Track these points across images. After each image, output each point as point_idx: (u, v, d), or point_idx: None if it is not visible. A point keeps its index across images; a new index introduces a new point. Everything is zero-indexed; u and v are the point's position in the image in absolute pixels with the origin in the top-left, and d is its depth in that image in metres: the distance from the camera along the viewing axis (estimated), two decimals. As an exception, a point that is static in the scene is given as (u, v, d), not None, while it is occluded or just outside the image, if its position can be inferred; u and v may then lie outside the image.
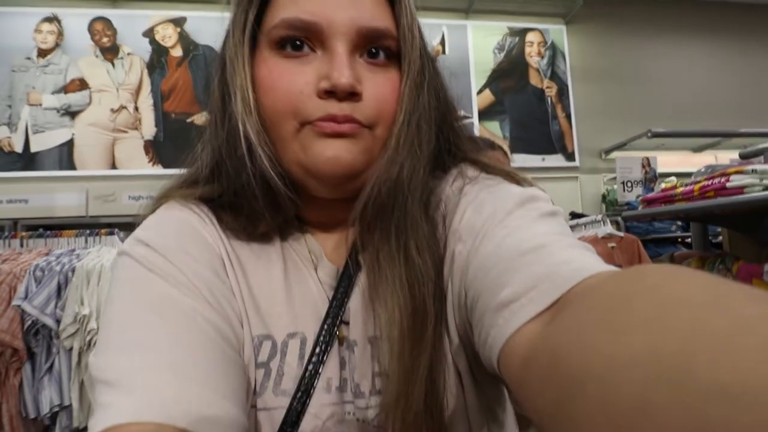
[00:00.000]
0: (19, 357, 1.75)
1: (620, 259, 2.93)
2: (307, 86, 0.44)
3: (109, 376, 0.36)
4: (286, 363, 0.45)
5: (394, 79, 0.47)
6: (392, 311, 0.42)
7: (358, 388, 0.45)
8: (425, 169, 0.47)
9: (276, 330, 0.47)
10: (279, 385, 0.45)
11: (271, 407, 0.44)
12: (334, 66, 0.43)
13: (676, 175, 3.33)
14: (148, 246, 0.45)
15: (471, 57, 4.72)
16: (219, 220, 0.50)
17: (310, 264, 0.50)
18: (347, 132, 0.44)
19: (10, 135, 4.38)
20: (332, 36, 0.44)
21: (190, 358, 0.38)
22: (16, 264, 1.89)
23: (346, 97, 0.43)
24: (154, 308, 0.40)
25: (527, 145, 4.60)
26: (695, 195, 1.47)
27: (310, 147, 0.44)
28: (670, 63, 4.68)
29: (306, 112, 0.44)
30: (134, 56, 4.69)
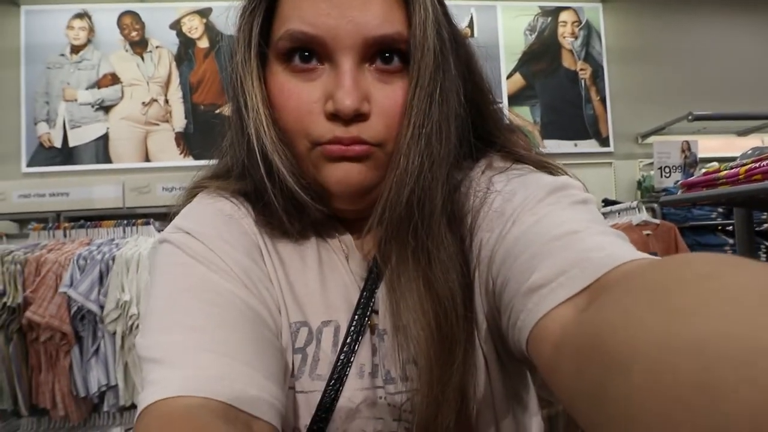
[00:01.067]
0: (68, 340, 1.82)
1: (655, 247, 2.86)
2: (315, 105, 0.43)
3: (155, 355, 0.38)
4: (321, 349, 0.47)
5: (407, 89, 0.43)
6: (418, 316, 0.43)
7: (388, 374, 0.47)
8: (443, 183, 0.44)
9: (312, 317, 0.48)
10: (315, 370, 0.46)
11: (307, 390, 0.46)
12: (338, 85, 0.41)
13: (718, 160, 3.22)
14: (188, 233, 0.46)
15: (500, 39, 4.63)
16: (255, 213, 0.51)
17: (342, 255, 0.51)
18: (354, 154, 0.43)
19: (50, 131, 4.53)
20: (337, 50, 0.42)
21: (232, 339, 0.39)
22: (61, 253, 1.96)
23: (352, 120, 0.42)
24: (196, 292, 0.41)
25: (559, 131, 4.50)
26: (741, 178, 1.41)
27: (320, 168, 0.44)
28: (713, 41, 4.50)
29: (315, 134, 0.43)
30: (162, 49, 4.76)
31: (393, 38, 0.43)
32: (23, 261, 1.90)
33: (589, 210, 0.43)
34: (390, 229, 0.45)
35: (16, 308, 1.84)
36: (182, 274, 0.43)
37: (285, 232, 0.49)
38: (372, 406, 0.46)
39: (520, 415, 0.51)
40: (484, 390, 0.47)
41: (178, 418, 0.34)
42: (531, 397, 0.54)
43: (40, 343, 1.84)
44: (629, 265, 0.31)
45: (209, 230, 0.46)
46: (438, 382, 0.42)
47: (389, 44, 0.43)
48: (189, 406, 0.34)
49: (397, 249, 0.45)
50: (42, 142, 4.50)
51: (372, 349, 0.48)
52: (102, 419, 2.01)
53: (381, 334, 0.48)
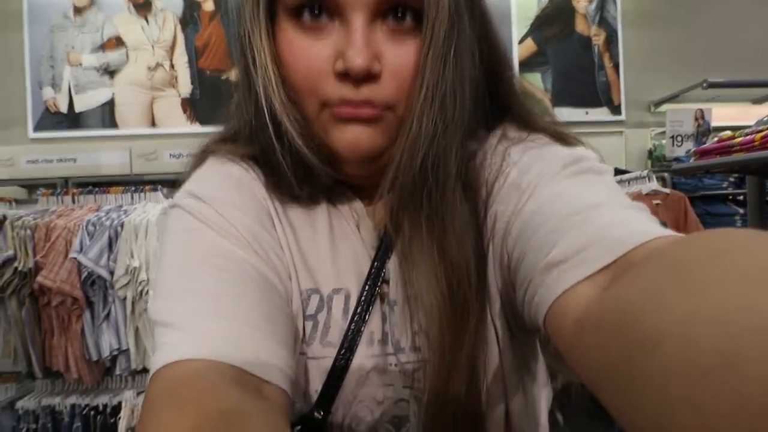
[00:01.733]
0: (79, 305, 1.85)
1: (665, 216, 2.84)
2: (325, 64, 0.41)
3: (166, 319, 0.38)
4: (332, 317, 0.47)
5: (421, 49, 0.41)
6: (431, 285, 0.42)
7: (398, 344, 0.47)
8: (457, 148, 0.43)
9: (323, 285, 0.48)
10: (326, 336, 0.47)
11: (318, 356, 0.46)
12: (349, 43, 0.39)
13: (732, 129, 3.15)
14: (199, 198, 0.45)
15: (513, 2, 4.51)
16: (264, 177, 0.50)
17: (353, 222, 0.50)
18: (365, 116, 0.42)
19: (55, 95, 4.50)
20: (348, 5, 0.40)
21: (243, 305, 0.39)
22: (70, 219, 1.98)
23: (363, 80, 0.40)
24: (206, 257, 0.41)
25: (570, 98, 4.42)
26: (756, 145, 1.39)
27: (329, 130, 0.43)
28: (730, 6, 4.35)
29: (324, 95, 0.42)
30: (167, 12, 4.67)
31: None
32: (33, 226, 1.91)
33: (607, 182, 0.41)
34: (403, 195, 0.43)
35: (27, 273, 1.86)
36: (193, 240, 0.42)
37: (295, 197, 0.48)
38: (382, 373, 0.46)
39: (530, 386, 0.50)
40: (494, 361, 0.46)
41: (188, 380, 0.34)
42: (540, 368, 0.53)
43: (52, 308, 1.88)
44: (652, 243, 0.31)
45: (219, 195, 0.45)
46: (450, 351, 0.42)
47: (402, 0, 0.41)
48: (199, 369, 0.34)
49: (410, 216, 0.44)
50: (48, 106, 4.48)
51: (382, 318, 0.48)
52: (114, 382, 2.06)
53: (392, 304, 0.48)
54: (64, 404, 1.97)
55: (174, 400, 0.33)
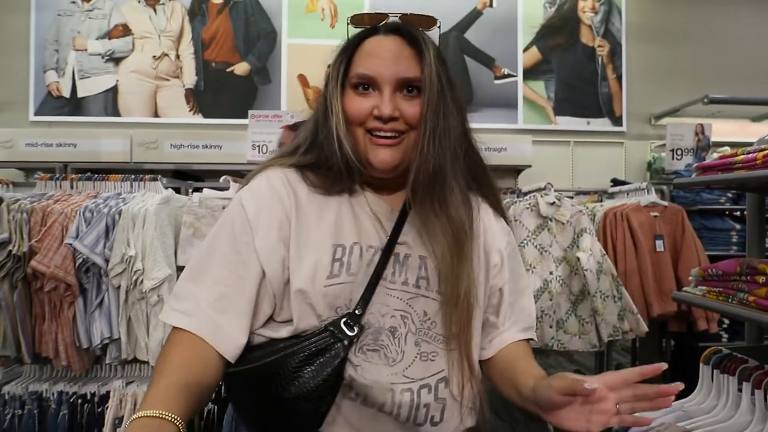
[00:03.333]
0: (72, 292, 1.83)
1: (662, 229, 2.84)
2: (369, 110, 0.76)
3: (180, 292, 0.74)
4: (353, 258, 0.76)
5: (421, 106, 0.77)
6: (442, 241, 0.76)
7: (406, 281, 0.77)
8: (450, 162, 0.77)
9: (346, 240, 0.77)
10: (350, 269, 0.75)
11: (345, 282, 0.74)
12: (382, 101, 0.76)
13: (731, 145, 3.16)
14: (243, 208, 0.76)
15: (519, 11, 4.50)
16: (305, 178, 0.80)
17: (367, 207, 0.81)
18: (389, 144, 0.76)
19: (58, 80, 4.48)
20: (382, 83, 0.77)
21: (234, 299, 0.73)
22: (67, 205, 1.96)
23: (389, 120, 0.76)
24: (224, 259, 0.74)
25: (572, 107, 4.43)
26: (758, 163, 1.39)
27: (369, 150, 0.77)
28: (734, 24, 4.37)
29: (367, 127, 0.77)
30: (176, 2, 4.66)
31: (414, 80, 0.77)
32: (29, 210, 1.90)
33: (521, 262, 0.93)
34: (421, 186, 0.76)
35: (21, 257, 1.84)
36: (222, 242, 0.75)
37: (327, 191, 0.79)
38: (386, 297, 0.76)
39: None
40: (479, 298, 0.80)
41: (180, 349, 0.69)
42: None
43: (45, 293, 1.86)
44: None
45: (255, 209, 0.76)
46: (456, 280, 0.74)
47: (410, 82, 0.77)
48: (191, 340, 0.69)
49: (427, 197, 0.76)
50: (50, 90, 4.46)
51: (393, 265, 0.77)
52: (104, 371, 2.05)
53: (405, 258, 0.78)
54: (52, 391, 1.96)
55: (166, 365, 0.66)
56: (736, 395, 1.17)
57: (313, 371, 0.69)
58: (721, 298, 1.45)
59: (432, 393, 0.74)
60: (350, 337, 0.71)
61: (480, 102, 4.45)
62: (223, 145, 4.03)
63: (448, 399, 0.75)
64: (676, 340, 3.10)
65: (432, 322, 0.76)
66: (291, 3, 4.57)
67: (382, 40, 0.79)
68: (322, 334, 0.71)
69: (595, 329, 2.35)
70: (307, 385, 0.69)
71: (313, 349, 0.70)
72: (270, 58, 4.53)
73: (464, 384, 0.76)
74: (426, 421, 0.74)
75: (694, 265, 2.51)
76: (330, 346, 0.70)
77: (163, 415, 0.57)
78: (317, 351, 0.70)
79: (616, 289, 2.39)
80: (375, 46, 0.79)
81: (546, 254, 2.36)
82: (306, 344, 0.70)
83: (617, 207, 2.87)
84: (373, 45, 0.79)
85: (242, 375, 0.72)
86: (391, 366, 0.73)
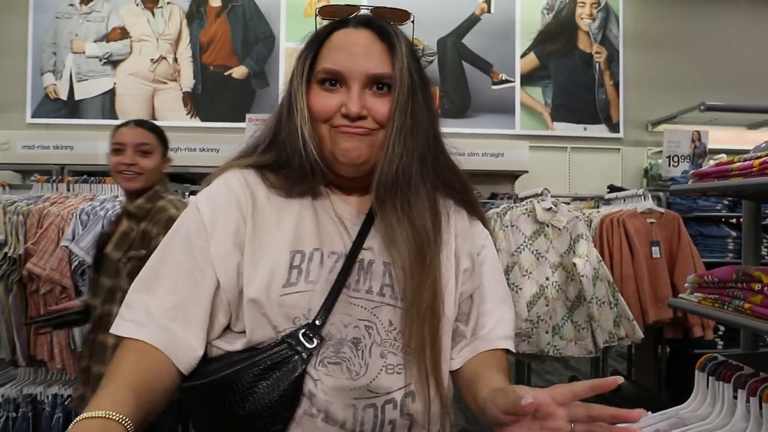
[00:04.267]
0: (68, 294, 1.83)
1: (659, 236, 2.85)
2: (336, 108, 0.71)
3: (132, 302, 0.68)
4: (313, 265, 0.71)
5: (391, 104, 0.72)
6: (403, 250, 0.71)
7: (370, 289, 0.72)
8: (417, 163, 0.73)
9: (306, 247, 0.72)
10: (308, 278, 0.70)
11: (304, 290, 0.69)
12: (350, 99, 0.71)
13: (728, 152, 3.17)
14: (198, 211, 0.72)
15: (517, 16, 4.53)
16: (265, 179, 0.75)
17: (332, 210, 0.76)
18: (359, 132, 0.71)
19: (56, 82, 4.48)
20: (350, 79, 0.71)
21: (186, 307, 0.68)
22: (64, 207, 1.96)
23: (357, 119, 0.71)
24: (179, 266, 0.69)
25: (569, 113, 4.45)
26: (754, 171, 1.39)
27: (335, 141, 0.72)
28: (731, 32, 4.40)
29: (333, 123, 0.72)
30: (174, 6, 4.67)
31: (384, 76, 0.72)
32: (26, 212, 1.89)
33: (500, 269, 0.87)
34: (385, 188, 0.72)
35: (17, 259, 1.84)
36: (174, 247, 0.71)
37: (288, 194, 0.74)
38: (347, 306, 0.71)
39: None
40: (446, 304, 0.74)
41: (131, 356, 0.64)
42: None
43: (40, 296, 1.85)
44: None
45: (212, 214, 0.71)
46: (418, 291, 0.70)
47: (380, 79, 0.72)
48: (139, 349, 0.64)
49: (390, 200, 0.72)
50: (48, 93, 4.46)
51: (358, 272, 0.72)
52: (99, 373, 2.04)
53: (369, 264, 0.73)
54: (47, 394, 1.95)
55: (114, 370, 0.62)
56: (732, 402, 1.17)
57: (269, 386, 0.65)
58: (716, 305, 1.46)
59: (397, 409, 0.69)
60: (309, 349, 0.66)
61: (477, 107, 4.46)
62: (221, 149, 4.02)
63: (415, 415, 0.70)
64: (672, 347, 3.10)
65: (398, 333, 0.71)
66: (289, 7, 4.58)
67: (351, 33, 0.74)
68: (279, 347, 0.66)
69: (591, 335, 2.35)
70: (262, 401, 0.65)
71: (269, 362, 0.66)
72: (268, 62, 4.54)
73: (431, 400, 0.71)
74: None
75: (690, 271, 2.51)
76: (287, 359, 0.66)
77: (108, 415, 0.53)
78: (273, 365, 0.66)
79: (612, 296, 2.40)
80: (343, 39, 0.74)
81: (542, 260, 2.37)
82: (262, 357, 0.66)
83: (614, 213, 2.88)
84: (341, 38, 0.74)
85: (197, 390, 0.68)
86: (354, 380, 0.68)
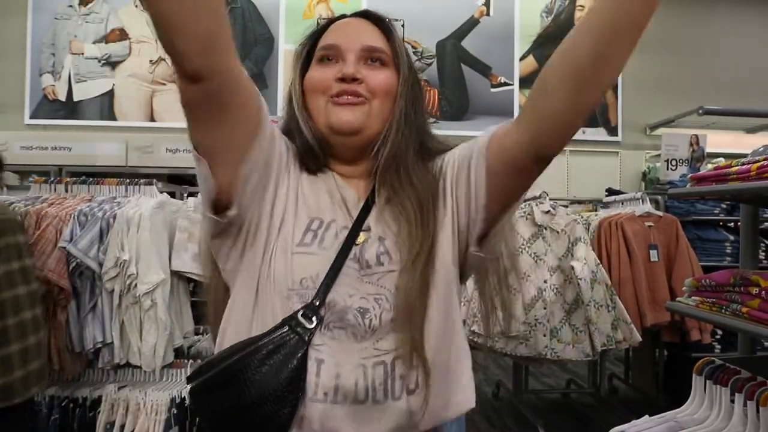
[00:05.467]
0: (65, 295, 1.82)
1: (657, 239, 2.86)
2: (332, 77, 0.74)
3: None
4: (328, 233, 0.73)
5: (386, 72, 0.77)
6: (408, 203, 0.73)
7: (367, 263, 0.72)
8: (414, 134, 0.77)
9: (324, 216, 0.74)
10: (322, 243, 0.72)
11: (316, 252, 0.71)
12: (345, 65, 0.74)
13: (726, 156, 3.19)
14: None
15: (516, 19, 4.54)
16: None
17: (338, 194, 0.77)
18: (353, 102, 0.74)
19: (54, 83, 4.47)
20: (346, 51, 0.76)
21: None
22: (62, 208, 1.95)
23: (352, 81, 0.74)
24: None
25: (568, 117, 4.46)
26: (752, 175, 1.40)
27: (330, 113, 0.74)
28: (729, 36, 4.42)
29: (329, 91, 0.74)
30: (174, 8, 4.68)
31: (378, 48, 0.77)
32: (24, 213, 1.89)
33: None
34: (385, 164, 0.75)
35: (15, 260, 1.84)
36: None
37: (307, 168, 0.78)
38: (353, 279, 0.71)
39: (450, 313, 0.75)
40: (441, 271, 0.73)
41: None
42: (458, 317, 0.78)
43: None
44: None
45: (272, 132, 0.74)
46: (418, 245, 0.71)
47: (375, 51, 0.77)
48: None
49: (394, 170, 0.76)
50: (46, 94, 4.45)
51: (360, 252, 0.72)
52: (96, 375, 2.03)
53: (364, 242, 0.73)
54: (43, 395, 1.94)
55: None
56: (729, 406, 1.17)
57: (273, 368, 0.65)
58: (714, 309, 1.46)
59: (405, 364, 0.68)
60: (310, 329, 0.67)
61: (476, 110, 4.47)
62: (220, 150, 4.01)
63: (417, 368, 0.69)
64: (670, 351, 3.11)
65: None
66: (288, 9, 4.58)
67: (347, 20, 0.81)
68: (279, 330, 0.67)
69: (588, 338, 2.36)
70: (268, 385, 0.64)
71: (271, 347, 0.66)
72: (267, 64, 4.54)
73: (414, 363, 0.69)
74: (402, 392, 0.68)
75: (688, 275, 2.52)
76: (288, 340, 0.66)
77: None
78: (275, 348, 0.66)
79: (609, 299, 2.40)
80: (340, 24, 0.80)
81: (540, 263, 2.37)
82: (263, 342, 0.66)
83: (612, 216, 2.88)
84: (337, 24, 0.80)
85: (204, 387, 0.68)
86: (358, 342, 0.68)
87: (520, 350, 2.32)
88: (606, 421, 2.94)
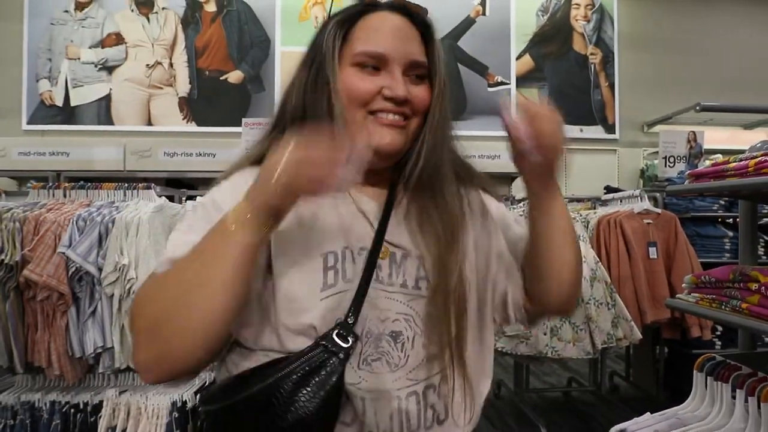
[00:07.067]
0: (65, 301, 1.82)
1: (656, 236, 2.86)
2: (377, 90, 0.70)
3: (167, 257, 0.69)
4: (347, 264, 0.69)
5: (425, 88, 0.74)
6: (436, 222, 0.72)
7: (404, 282, 0.70)
8: (447, 150, 0.75)
9: (337, 247, 0.69)
10: (345, 276, 0.68)
11: (342, 291, 0.67)
12: (394, 82, 0.70)
13: (723, 152, 3.19)
14: (215, 201, 0.70)
15: (512, 18, 4.55)
16: None
17: (354, 206, 0.73)
18: (397, 125, 0.71)
19: (51, 89, 4.47)
20: (393, 63, 0.71)
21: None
22: (60, 213, 1.95)
23: (402, 103, 0.70)
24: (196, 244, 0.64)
25: (565, 115, 4.38)
26: (750, 171, 1.40)
27: (373, 132, 0.70)
28: (726, 33, 4.43)
29: (372, 108, 0.70)
30: (169, 11, 4.67)
31: (422, 64, 0.73)
32: (22, 219, 1.88)
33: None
34: (425, 176, 0.72)
35: (13, 266, 1.83)
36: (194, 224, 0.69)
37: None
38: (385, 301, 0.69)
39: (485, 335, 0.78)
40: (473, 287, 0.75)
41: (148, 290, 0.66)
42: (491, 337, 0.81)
43: (37, 302, 1.84)
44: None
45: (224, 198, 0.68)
46: (448, 263, 0.70)
47: (419, 67, 0.73)
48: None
49: (426, 189, 0.73)
50: (43, 99, 4.45)
51: (389, 265, 0.71)
52: (97, 380, 2.02)
53: (403, 258, 0.71)
54: (44, 401, 1.94)
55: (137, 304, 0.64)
56: (730, 402, 1.17)
57: (310, 392, 0.62)
58: (714, 305, 1.46)
59: (436, 392, 0.69)
60: (345, 348, 0.64)
61: (473, 110, 4.47)
62: (217, 153, 4.02)
63: (444, 402, 0.70)
64: (670, 347, 3.11)
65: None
66: (284, 11, 4.58)
67: (387, 17, 0.73)
68: (314, 351, 0.64)
69: (589, 336, 2.36)
70: (305, 409, 0.61)
71: (306, 368, 0.63)
72: (263, 66, 4.54)
73: (455, 387, 0.70)
74: (433, 422, 0.69)
75: (688, 272, 2.52)
76: (324, 362, 0.63)
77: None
78: (311, 370, 0.63)
79: (609, 296, 2.40)
80: (381, 22, 0.73)
81: (540, 261, 2.37)
82: (297, 365, 0.63)
83: (610, 214, 2.88)
84: (377, 21, 0.73)
85: (238, 405, 0.64)
86: (393, 371, 0.67)
87: (520, 349, 2.32)
88: (607, 418, 2.95)
